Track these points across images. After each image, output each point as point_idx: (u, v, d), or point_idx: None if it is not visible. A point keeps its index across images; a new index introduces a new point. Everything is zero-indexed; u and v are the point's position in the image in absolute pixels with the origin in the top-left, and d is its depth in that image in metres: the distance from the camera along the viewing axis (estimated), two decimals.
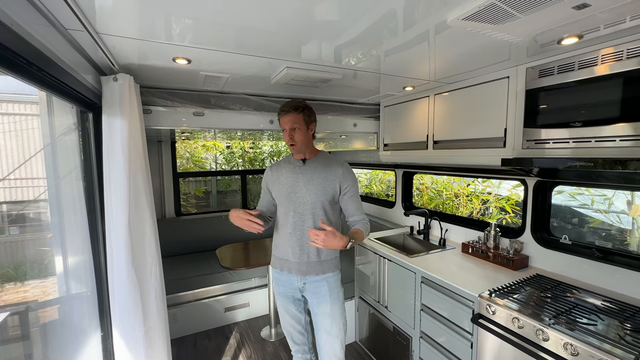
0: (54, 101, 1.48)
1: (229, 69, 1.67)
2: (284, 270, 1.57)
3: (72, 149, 1.59)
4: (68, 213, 1.55)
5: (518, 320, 1.32)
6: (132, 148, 1.54)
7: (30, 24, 0.85)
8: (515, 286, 1.56)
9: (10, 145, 2.11)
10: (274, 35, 1.23)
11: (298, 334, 1.66)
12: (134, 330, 1.56)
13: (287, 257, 1.54)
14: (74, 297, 1.62)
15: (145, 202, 1.62)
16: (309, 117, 1.54)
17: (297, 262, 1.51)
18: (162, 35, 1.22)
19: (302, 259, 1.50)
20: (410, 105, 2.36)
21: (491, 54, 1.48)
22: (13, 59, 0.77)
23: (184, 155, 4.81)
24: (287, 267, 1.55)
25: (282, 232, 1.56)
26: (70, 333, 1.55)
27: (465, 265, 1.91)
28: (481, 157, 1.82)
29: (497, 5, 0.95)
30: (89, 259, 1.61)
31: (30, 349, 1.47)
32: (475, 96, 1.85)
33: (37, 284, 1.72)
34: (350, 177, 1.57)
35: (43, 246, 1.77)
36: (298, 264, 1.51)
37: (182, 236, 3.35)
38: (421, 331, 1.85)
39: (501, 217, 3.38)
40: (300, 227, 1.51)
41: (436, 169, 2.59)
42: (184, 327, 2.67)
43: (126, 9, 1.01)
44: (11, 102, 2.26)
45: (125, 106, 1.51)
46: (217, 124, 2.17)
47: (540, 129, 1.52)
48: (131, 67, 1.57)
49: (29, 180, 2.15)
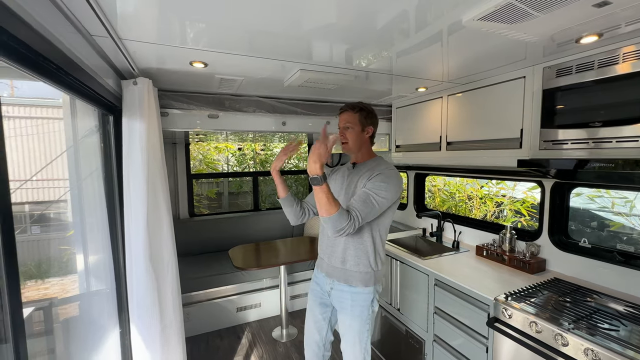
0: (77, 105, 1.54)
1: (243, 72, 1.70)
2: (319, 268, 1.58)
3: (94, 151, 1.65)
4: (89, 213, 1.61)
5: (536, 325, 1.29)
6: (151, 150, 1.59)
7: (60, 32, 0.90)
8: (532, 290, 1.53)
9: (34, 147, 2.20)
10: (288, 38, 1.25)
11: (314, 344, 1.61)
12: (151, 327, 1.60)
13: (323, 256, 1.55)
14: (94, 294, 1.67)
15: (162, 202, 1.66)
16: (365, 119, 1.44)
17: (327, 263, 1.51)
18: (180, 40, 1.26)
19: (331, 261, 1.49)
20: (422, 107, 2.35)
21: (507, 54, 1.46)
22: (45, 65, 0.81)
23: (197, 157, 4.90)
24: (321, 266, 1.56)
25: (323, 231, 1.55)
26: (90, 329, 1.60)
27: (479, 268, 1.88)
28: (496, 158, 1.80)
29: (514, 4, 0.95)
30: (109, 257, 1.66)
31: (53, 344, 1.52)
32: (490, 97, 1.82)
33: (56, 282, 1.78)
34: (380, 178, 1.33)
35: (63, 245, 1.84)
36: (327, 265, 1.51)
37: (195, 236, 3.41)
38: (434, 334, 1.83)
39: (516, 220, 3.31)
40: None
41: (449, 170, 2.56)
42: (197, 326, 2.71)
43: (146, 15, 1.04)
44: (36, 107, 2.36)
45: (144, 109, 1.56)
46: (231, 126, 2.21)
47: (558, 129, 1.49)
48: (150, 71, 1.62)
49: (51, 181, 2.23)
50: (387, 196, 1.31)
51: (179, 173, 3.51)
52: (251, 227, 3.64)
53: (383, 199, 1.30)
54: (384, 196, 1.30)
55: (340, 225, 1.21)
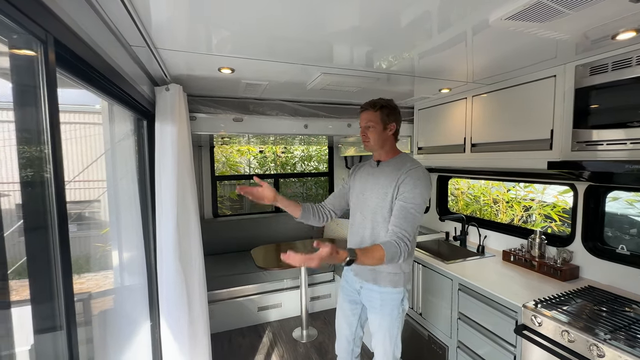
0: (115, 110, 1.65)
1: (267, 77, 1.76)
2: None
3: (129, 154, 1.75)
4: (124, 212, 1.71)
5: (568, 334, 1.24)
6: (181, 153, 1.67)
7: (105, 44, 0.98)
8: (564, 297, 1.46)
9: (72, 150, 2.36)
10: (310, 43, 1.28)
11: (344, 339, 1.62)
12: (179, 322, 1.68)
13: None
14: (127, 289, 1.77)
15: (191, 203, 1.74)
16: (387, 117, 1.41)
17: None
18: (209, 47, 1.33)
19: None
20: (446, 108, 2.31)
21: (536, 53, 1.42)
22: (93, 75, 0.89)
23: (220, 160, 5.05)
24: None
25: (350, 231, 1.55)
26: (124, 321, 1.70)
27: (506, 273, 1.82)
28: (524, 160, 1.74)
29: (543, 2, 0.93)
30: (141, 254, 1.76)
31: (91, 334, 1.63)
32: (517, 97, 1.77)
33: (91, 277, 1.90)
34: (410, 182, 1.31)
35: (97, 242, 1.96)
36: (356, 266, 1.50)
37: (219, 236, 3.52)
38: (458, 341, 1.79)
39: (546, 224, 3.17)
40: (362, 231, 1.47)
41: (474, 173, 2.50)
42: (220, 324, 2.79)
43: (178, 24, 1.11)
44: (75, 113, 2.54)
45: (175, 114, 1.64)
46: (254, 129, 2.27)
47: (592, 129, 1.42)
48: (181, 77, 1.70)
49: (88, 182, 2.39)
50: (423, 199, 1.32)
51: (204, 175, 3.63)
52: (272, 227, 3.71)
53: (421, 203, 1.31)
54: (419, 202, 1.31)
55: (395, 258, 1.22)
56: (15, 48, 0.66)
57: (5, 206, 0.89)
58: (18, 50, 0.66)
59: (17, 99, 0.69)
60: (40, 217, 0.71)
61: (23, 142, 0.71)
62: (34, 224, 0.71)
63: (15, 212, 0.86)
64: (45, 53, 0.66)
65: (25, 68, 0.67)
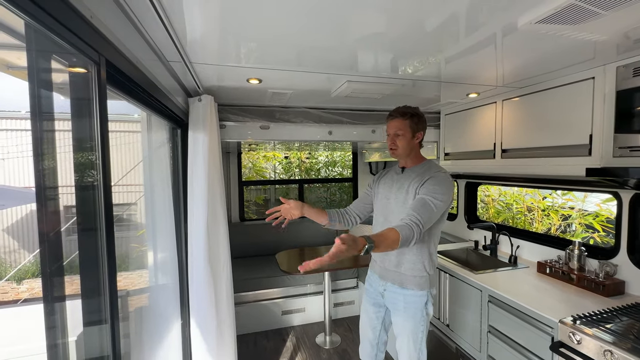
0: (152, 120, 1.77)
1: (292, 85, 1.81)
2: (372, 269, 1.62)
3: (164, 160, 1.87)
4: (159, 215, 1.82)
5: (611, 354, 1.15)
6: (211, 160, 1.76)
7: (147, 61, 1.07)
8: (607, 314, 1.36)
9: (115, 157, 2.55)
10: (335, 51, 1.31)
11: (367, 343, 1.63)
12: (208, 322, 1.75)
13: (375, 259, 1.58)
14: (161, 288, 1.87)
15: (220, 208, 1.82)
16: (416, 125, 1.43)
17: (380, 265, 1.54)
18: (238, 60, 1.40)
19: (384, 264, 1.51)
20: (474, 112, 2.24)
21: (571, 54, 1.35)
22: (135, 89, 0.98)
23: (246, 165, 5.22)
24: (374, 268, 1.60)
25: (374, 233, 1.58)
26: (158, 319, 1.80)
27: (541, 286, 1.72)
28: (560, 166, 1.65)
29: (576, 4, 0.89)
30: (174, 255, 1.86)
31: (127, 329, 1.74)
32: (552, 100, 1.69)
33: (126, 275, 2.03)
34: (433, 181, 1.33)
35: (133, 243, 2.09)
36: (380, 268, 1.53)
37: (245, 240, 3.61)
38: (489, 355, 1.71)
39: (588, 235, 2.95)
40: None
41: (505, 179, 2.39)
42: (245, 326, 2.85)
43: (211, 40, 1.18)
44: (117, 122, 2.74)
45: (207, 123, 1.74)
46: (280, 136, 2.34)
47: (637, 134, 1.33)
48: (212, 88, 1.80)
49: (125, 186, 2.56)
50: (444, 199, 1.31)
51: (232, 180, 3.77)
52: (296, 232, 3.75)
53: (440, 202, 1.30)
54: (440, 199, 1.30)
55: (408, 241, 1.19)
56: (73, 67, 0.74)
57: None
58: (75, 69, 0.75)
59: (74, 111, 0.77)
60: (91, 219, 0.78)
61: (78, 149, 0.79)
62: (86, 225, 0.79)
63: (64, 214, 0.95)
64: (98, 72, 0.74)
65: (80, 85, 0.76)
